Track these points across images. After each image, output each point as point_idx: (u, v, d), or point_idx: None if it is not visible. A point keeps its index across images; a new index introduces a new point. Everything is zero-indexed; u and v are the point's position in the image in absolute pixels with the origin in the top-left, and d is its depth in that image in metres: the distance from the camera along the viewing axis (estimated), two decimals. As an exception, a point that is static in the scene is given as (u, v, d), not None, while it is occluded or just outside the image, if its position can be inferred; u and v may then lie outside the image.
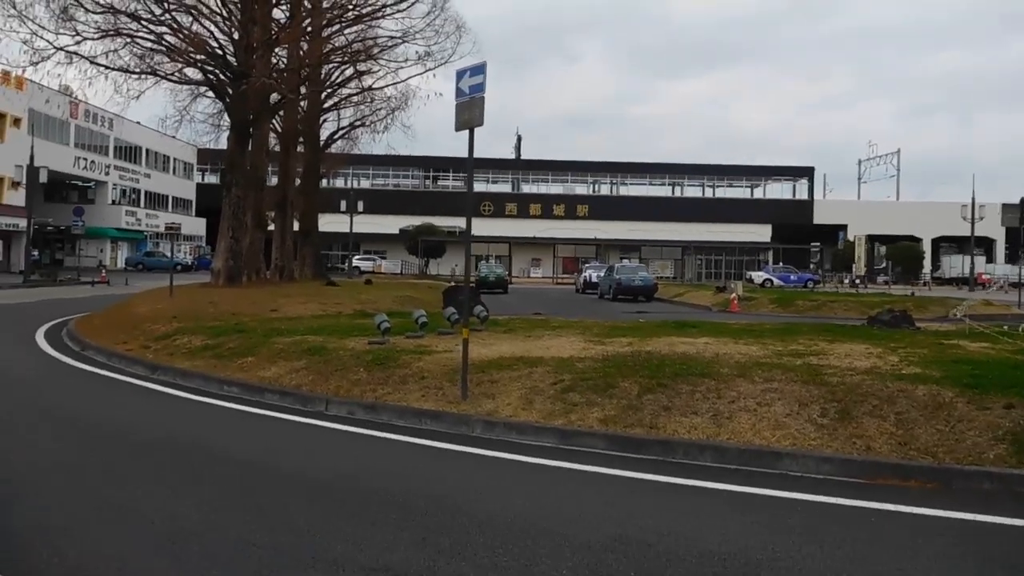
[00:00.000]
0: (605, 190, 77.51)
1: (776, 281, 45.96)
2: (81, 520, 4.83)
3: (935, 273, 58.91)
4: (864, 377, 7.85)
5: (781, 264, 56.20)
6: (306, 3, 24.96)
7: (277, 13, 24.83)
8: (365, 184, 70.96)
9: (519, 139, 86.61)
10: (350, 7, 24.59)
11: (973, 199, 49.16)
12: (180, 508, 5.08)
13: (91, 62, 20.41)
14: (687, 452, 6.73)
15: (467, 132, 8.78)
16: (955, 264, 62.03)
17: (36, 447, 6.95)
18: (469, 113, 8.53)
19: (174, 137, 59.34)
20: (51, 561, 4.10)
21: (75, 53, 20.15)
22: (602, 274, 37.81)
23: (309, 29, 24.39)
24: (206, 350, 11.95)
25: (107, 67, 20.82)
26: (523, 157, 78.74)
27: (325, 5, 24.51)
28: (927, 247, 66.27)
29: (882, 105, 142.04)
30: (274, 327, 13.56)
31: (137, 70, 20.88)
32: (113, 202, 57.19)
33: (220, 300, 18.33)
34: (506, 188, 77.10)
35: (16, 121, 44.31)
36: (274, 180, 31.82)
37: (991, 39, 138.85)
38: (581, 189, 77.29)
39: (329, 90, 31.22)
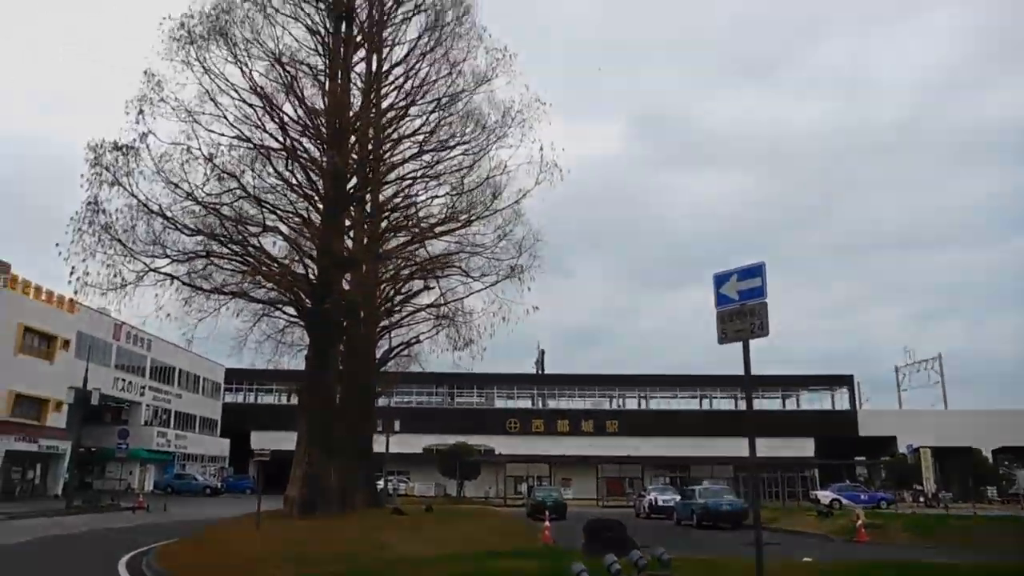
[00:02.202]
0: (632, 404, 75.97)
1: (845, 501, 43.04)
2: None
3: (1012, 489, 55.57)
4: None
5: (848, 482, 53.46)
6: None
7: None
8: (382, 401, 69.41)
9: (542, 353, 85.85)
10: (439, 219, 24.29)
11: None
12: None
13: (186, 284, 19.82)
14: None
15: (730, 345, 7.70)
16: (1036, 479, 58.75)
17: None
18: (741, 322, 7.44)
19: (205, 358, 59.26)
20: None
21: (169, 275, 19.62)
22: (669, 496, 35.49)
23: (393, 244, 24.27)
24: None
25: (196, 287, 20.22)
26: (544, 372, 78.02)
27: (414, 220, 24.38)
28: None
29: (892, 310, 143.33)
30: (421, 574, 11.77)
31: (230, 291, 20.26)
32: (146, 423, 55.96)
33: (321, 536, 16.42)
34: (527, 404, 75.67)
35: (66, 343, 43.89)
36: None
37: (989, 238, 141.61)
38: (606, 403, 75.82)
39: (389, 305, 30.66)
